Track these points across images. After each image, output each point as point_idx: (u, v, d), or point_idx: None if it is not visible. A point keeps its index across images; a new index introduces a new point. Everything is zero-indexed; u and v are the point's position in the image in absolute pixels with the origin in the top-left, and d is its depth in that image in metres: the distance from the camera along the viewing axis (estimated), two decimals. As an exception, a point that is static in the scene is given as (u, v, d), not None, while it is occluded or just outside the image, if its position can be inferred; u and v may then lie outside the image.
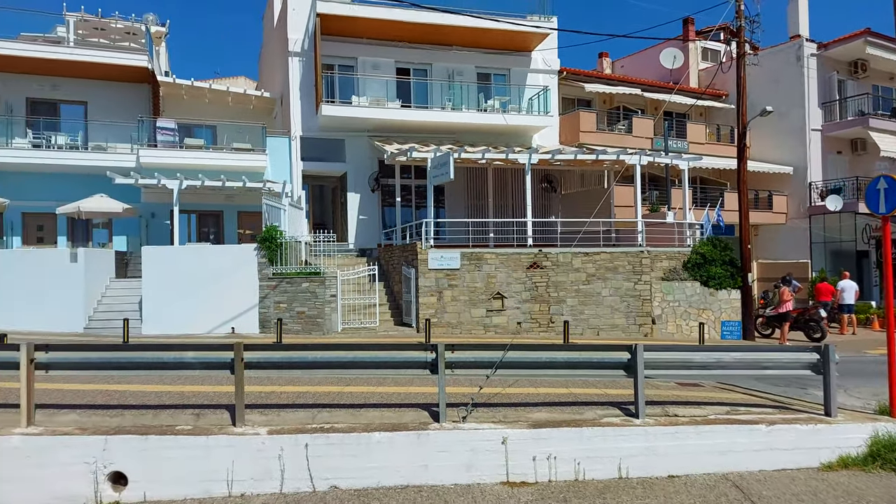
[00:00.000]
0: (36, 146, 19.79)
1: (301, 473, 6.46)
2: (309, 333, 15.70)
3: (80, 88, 21.22)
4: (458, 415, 7.09)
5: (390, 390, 8.38)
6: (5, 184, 19.05)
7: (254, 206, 19.88)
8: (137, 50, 21.08)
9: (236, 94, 22.47)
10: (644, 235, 17.79)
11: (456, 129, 21.58)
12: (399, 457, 6.58)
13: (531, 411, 7.46)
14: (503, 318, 16.22)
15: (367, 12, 19.81)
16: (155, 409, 7.26)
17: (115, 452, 6.42)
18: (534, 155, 18.00)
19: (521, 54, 22.78)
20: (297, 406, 7.51)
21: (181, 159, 19.37)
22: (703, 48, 30.23)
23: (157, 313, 15.22)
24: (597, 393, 8.37)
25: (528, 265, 16.40)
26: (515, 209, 21.33)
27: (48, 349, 6.96)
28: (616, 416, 7.29)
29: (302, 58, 20.77)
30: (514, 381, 8.48)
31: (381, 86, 21.20)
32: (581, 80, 24.79)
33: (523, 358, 7.25)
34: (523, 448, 6.63)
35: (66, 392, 7.98)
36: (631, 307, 16.88)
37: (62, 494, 6.38)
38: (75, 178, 19.62)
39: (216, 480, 6.42)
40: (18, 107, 20.76)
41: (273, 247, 15.94)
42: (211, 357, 7.07)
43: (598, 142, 23.16)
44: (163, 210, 20.36)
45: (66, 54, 19.77)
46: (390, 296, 18.06)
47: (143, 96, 21.80)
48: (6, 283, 15.23)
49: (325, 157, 21.21)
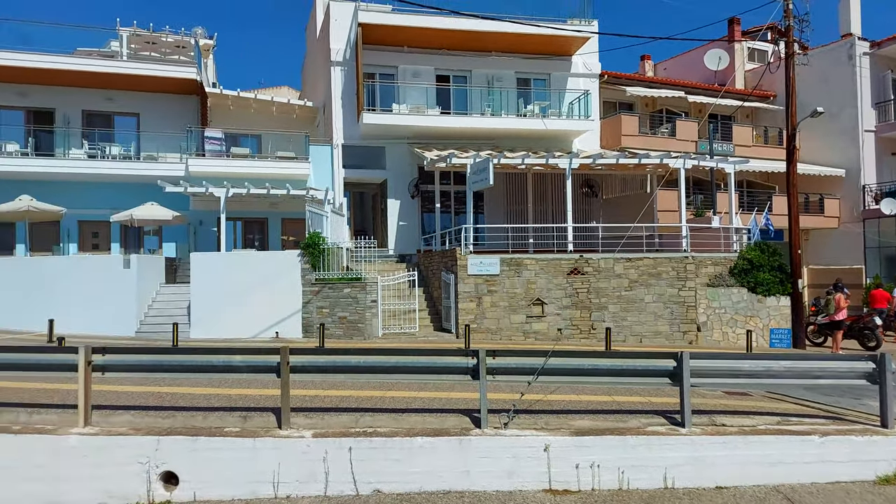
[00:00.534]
0: (91, 157, 20.65)
1: (345, 477, 6.55)
2: (350, 338, 15.90)
3: (133, 100, 22.06)
4: (500, 421, 7.07)
5: (431, 395, 8.42)
6: (63, 193, 19.90)
7: (297, 213, 20.29)
8: (187, 62, 21.83)
9: (280, 104, 23.00)
10: (688, 240, 17.42)
11: (495, 134, 21.60)
12: (441, 462, 6.60)
13: (573, 419, 7.39)
14: (543, 325, 16.11)
15: (408, 21, 20.05)
16: (204, 411, 7.47)
17: (167, 453, 6.63)
18: (574, 159, 17.86)
19: (562, 59, 22.66)
20: (340, 410, 7.62)
21: (228, 168, 19.96)
22: (749, 48, 29.50)
23: (205, 318, 15.65)
24: (641, 401, 8.23)
25: (569, 271, 16.25)
26: (555, 214, 21.19)
27: (105, 352, 7.25)
28: (661, 425, 7.16)
29: (344, 67, 21.14)
30: (556, 387, 8.41)
31: (421, 93, 21.40)
32: (622, 83, 24.48)
33: (565, 365, 7.20)
34: (566, 455, 6.58)
35: (119, 393, 8.28)
36: (675, 314, 16.54)
37: (117, 493, 6.62)
38: (128, 186, 20.39)
39: (263, 482, 6.57)
40: (75, 119, 21.71)
41: (316, 253, 16.22)
42: (258, 361, 7.24)
43: (640, 146, 22.84)
44: (210, 217, 20.97)
45: (120, 68, 20.62)
46: (430, 301, 18.15)
47: (192, 107, 22.52)
48: (64, 288, 15.91)
49: (366, 164, 21.50)
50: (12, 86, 20.93)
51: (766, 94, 27.12)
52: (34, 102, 21.41)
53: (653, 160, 18.44)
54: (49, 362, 7.34)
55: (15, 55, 19.53)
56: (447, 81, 22.12)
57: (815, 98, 23.80)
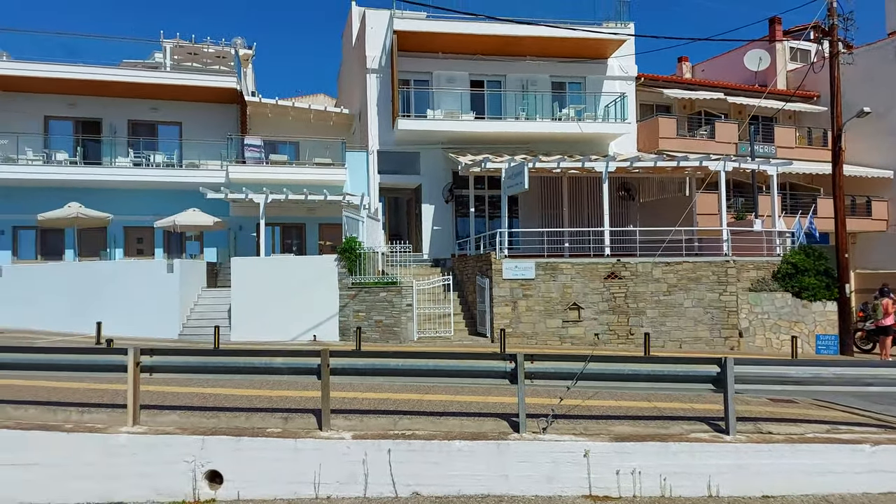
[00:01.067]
0: (136, 165, 21.32)
1: (384, 479, 6.60)
2: (386, 342, 16.02)
3: (176, 110, 22.70)
4: (538, 426, 7.04)
5: (468, 399, 8.43)
6: (109, 200, 20.57)
7: (334, 219, 20.57)
8: (227, 72, 22.38)
9: (318, 112, 23.37)
10: (730, 244, 17.05)
11: (530, 138, 21.53)
12: (479, 466, 6.60)
13: (613, 424, 7.31)
14: (580, 329, 15.95)
15: (442, 27, 20.17)
16: (247, 412, 7.62)
17: (212, 452, 6.79)
18: (611, 163, 17.67)
19: (597, 62, 22.48)
20: (379, 412, 7.69)
21: (266, 174, 20.37)
22: (790, 48, 28.76)
23: (245, 321, 15.98)
24: (682, 407, 8.09)
25: (606, 275, 16.07)
26: (591, 218, 20.99)
27: (152, 353, 7.47)
28: (704, 432, 7.02)
29: (379, 74, 21.37)
30: (594, 393, 8.32)
31: (455, 99, 21.49)
32: (660, 85, 24.16)
33: (605, 370, 7.13)
34: (606, 461, 6.51)
35: (165, 394, 8.51)
36: (716, 319, 16.19)
37: (164, 490, 6.80)
38: (170, 193, 20.96)
39: (304, 482, 6.67)
40: (121, 128, 22.43)
41: (352, 257, 16.41)
42: (299, 363, 7.37)
43: (678, 148, 22.48)
44: (249, 223, 21.41)
45: (164, 78, 21.26)
46: (464, 305, 18.15)
47: (232, 115, 23.06)
48: (110, 292, 16.44)
49: (401, 169, 21.68)
50: (63, 97, 21.77)
51: (810, 94, 26.40)
52: (82, 113, 22.21)
53: (692, 163, 18.12)
54: (100, 363, 7.59)
55: (65, 68, 20.32)
56: (481, 86, 22.17)
57: (861, 98, 23.03)
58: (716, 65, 30.56)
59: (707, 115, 25.55)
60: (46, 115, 21.95)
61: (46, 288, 17.22)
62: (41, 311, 17.00)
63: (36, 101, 21.65)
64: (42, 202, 19.48)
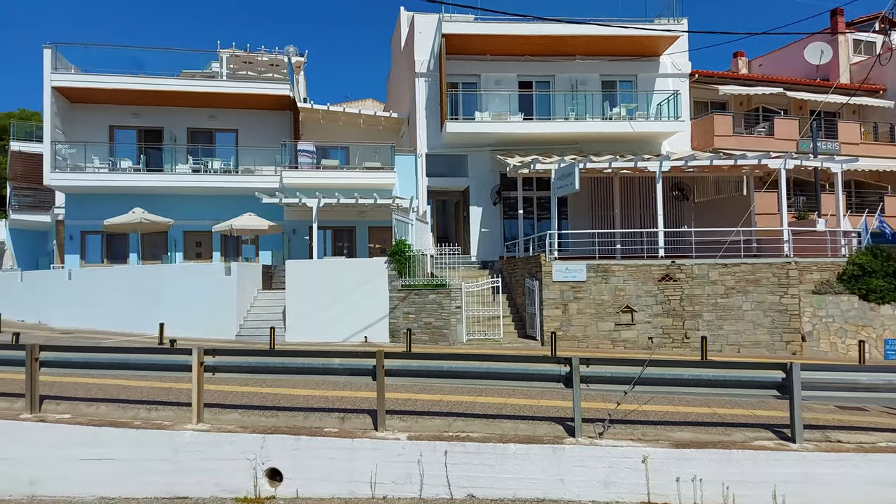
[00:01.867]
0: (195, 171, 22.12)
1: (439, 480, 6.64)
2: (435, 343, 16.09)
3: (232, 117, 23.45)
4: (594, 430, 6.94)
5: (521, 402, 8.39)
6: (170, 205, 21.43)
7: (383, 222, 20.84)
8: (280, 80, 22.98)
9: (367, 116, 23.72)
10: (791, 245, 16.42)
11: (579, 138, 21.28)
12: (534, 469, 6.56)
13: (672, 430, 7.14)
14: (633, 333, 15.65)
15: (490, 29, 20.17)
16: (304, 412, 7.79)
17: (272, 450, 6.97)
18: (665, 162, 17.28)
19: (649, 59, 22.04)
20: (433, 414, 7.73)
21: (318, 179, 20.81)
22: (854, 40, 27.48)
23: (299, 322, 16.33)
24: (744, 414, 7.83)
25: (660, 277, 15.71)
26: (644, 219, 20.58)
27: (215, 353, 7.73)
28: (769, 440, 6.78)
29: (428, 78, 21.54)
30: (650, 398, 8.14)
31: (504, 100, 21.45)
32: (715, 81, 23.49)
33: (663, 374, 6.98)
34: (665, 468, 6.37)
35: (226, 393, 8.79)
36: (776, 323, 15.60)
37: (227, 486, 7.02)
38: (227, 198, 21.67)
39: (360, 482, 6.77)
40: (181, 136, 23.32)
41: (402, 260, 16.57)
42: (355, 364, 7.49)
43: (734, 146, 21.78)
44: (302, 226, 21.91)
45: (221, 87, 22.02)
46: (513, 308, 18.06)
47: (286, 122, 23.65)
48: (171, 294, 17.09)
49: (449, 172, 21.77)
50: (127, 107, 22.81)
51: (875, 87, 25.17)
52: (145, 122, 23.20)
53: (750, 161, 17.53)
54: (166, 363, 7.90)
55: (130, 79, 21.29)
56: (530, 87, 22.06)
57: (934, 89, 21.83)
58: (774, 59, 29.51)
59: (765, 111, 24.69)
60: (112, 125, 23.03)
61: (112, 290, 18.06)
62: (107, 312, 17.83)
63: (102, 111, 22.75)
64: (108, 208, 20.45)
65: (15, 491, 7.37)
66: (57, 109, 21.50)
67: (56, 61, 21.11)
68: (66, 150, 21.45)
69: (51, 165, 20.73)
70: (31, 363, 7.99)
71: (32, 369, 8.00)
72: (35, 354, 8.05)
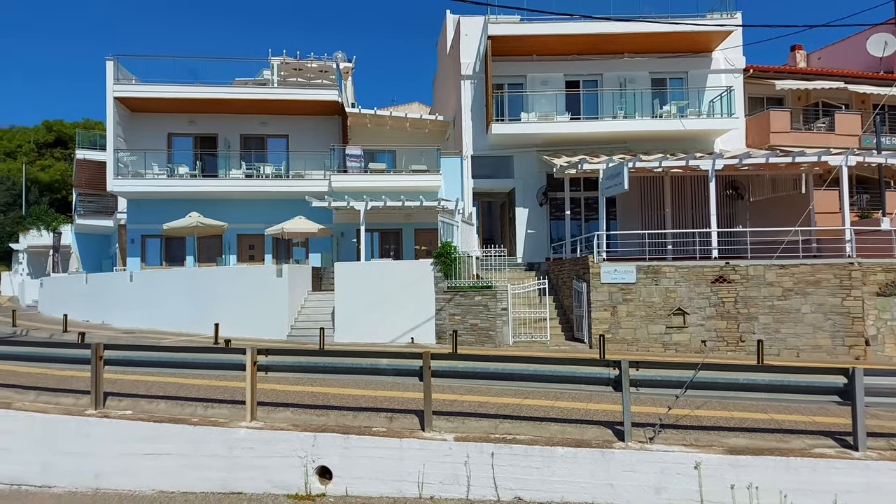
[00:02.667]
0: (248, 176, 22.78)
1: (486, 482, 6.64)
2: (481, 345, 16.07)
3: (283, 123, 24.04)
4: (644, 435, 6.82)
5: (569, 405, 8.30)
6: (224, 209, 22.13)
7: (429, 224, 20.97)
8: (329, 86, 23.44)
9: (413, 120, 23.92)
10: (853, 245, 15.69)
11: (628, 137, 20.91)
12: (583, 473, 6.49)
13: (726, 436, 6.93)
14: (685, 336, 15.26)
15: (536, 30, 20.05)
16: (353, 411, 7.92)
17: (322, 448, 7.12)
18: (718, 160, 16.79)
19: (701, 55, 21.47)
20: (479, 415, 7.74)
21: (366, 182, 21.14)
22: (922, 28, 26.04)
23: (347, 323, 16.59)
24: (803, 420, 7.54)
25: (713, 279, 15.27)
26: (696, 219, 20.05)
27: (268, 353, 7.94)
28: (829, 447, 6.51)
29: (473, 80, 21.57)
30: (703, 403, 7.94)
31: (550, 100, 21.28)
32: (770, 76, 22.66)
33: (716, 379, 6.80)
34: (719, 474, 6.20)
35: (278, 392, 9.01)
36: (838, 326, 14.93)
37: (279, 483, 7.21)
38: (278, 202, 22.23)
39: (407, 481, 6.84)
40: (234, 142, 24.06)
41: (448, 262, 16.62)
42: (401, 364, 7.57)
43: (792, 143, 20.98)
44: (350, 229, 22.28)
45: (272, 94, 22.60)
46: (560, 310, 17.88)
47: (334, 126, 24.09)
48: (225, 296, 17.64)
49: (494, 173, 21.73)
50: (184, 115, 23.67)
51: (946, 78, 23.77)
52: (201, 129, 24.02)
53: (809, 158, 16.86)
54: (222, 362, 8.16)
55: (186, 88, 22.08)
56: (577, 87, 21.81)
57: None
58: (834, 52, 28.25)
59: (825, 106, 23.68)
60: (170, 133, 23.94)
61: (170, 291, 18.77)
62: (166, 313, 18.55)
63: (160, 119, 23.68)
64: (166, 212, 21.28)
65: (81, 484, 7.75)
66: (119, 118, 22.49)
67: (118, 72, 22.09)
68: (128, 158, 22.42)
69: (113, 172, 21.69)
70: (95, 361, 8.40)
71: (97, 367, 8.40)
72: (99, 353, 8.46)
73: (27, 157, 45.46)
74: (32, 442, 8.01)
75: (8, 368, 10.39)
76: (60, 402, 8.77)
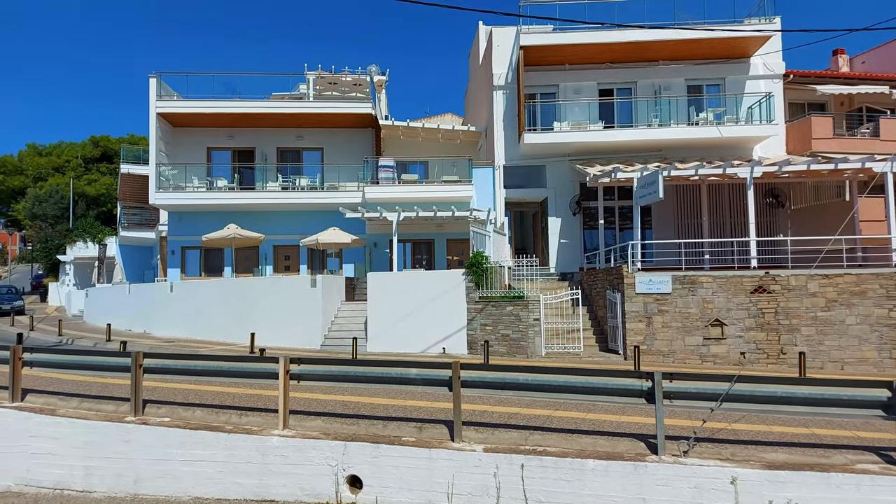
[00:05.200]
0: (284, 188, 23.23)
1: (516, 493, 6.58)
2: (513, 356, 15.97)
3: (318, 136, 24.48)
4: (678, 448, 6.67)
5: (601, 417, 8.18)
6: (261, 221, 22.60)
7: (461, 234, 21.01)
8: (363, 99, 23.78)
9: (446, 131, 24.07)
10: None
11: (663, 145, 20.61)
12: (614, 486, 6.38)
13: (764, 451, 6.73)
14: (723, 348, 14.89)
15: (569, 39, 19.98)
16: (383, 420, 7.96)
17: (353, 457, 7.16)
18: (757, 168, 16.41)
19: (738, 61, 21.07)
20: (509, 426, 7.68)
21: (398, 193, 21.32)
22: (974, 28, 25.02)
23: (380, 333, 16.71)
24: (846, 435, 7.27)
25: (753, 289, 14.88)
26: (734, 228, 19.61)
27: (300, 362, 8.05)
28: (873, 463, 6.26)
29: (505, 90, 21.61)
30: (741, 416, 7.73)
31: (583, 109, 21.16)
32: (811, 81, 22.07)
33: (754, 391, 6.61)
34: (757, 490, 6.01)
35: (310, 400, 9.12)
36: (885, 338, 14.37)
37: (310, 491, 7.28)
38: (313, 214, 22.60)
39: (437, 492, 6.82)
40: (271, 156, 24.58)
41: (479, 272, 16.60)
42: (431, 374, 7.58)
43: (835, 149, 20.37)
44: (383, 240, 22.49)
45: (308, 108, 23.03)
46: (594, 321, 17.65)
47: (368, 139, 24.41)
48: (262, 305, 17.97)
49: (527, 183, 21.66)
50: (223, 129, 24.32)
51: None
52: (239, 143, 24.63)
53: (853, 164, 16.34)
54: (255, 370, 8.31)
55: (225, 103, 22.69)
56: (610, 95, 21.63)
57: None
58: (878, 55, 27.37)
59: (869, 111, 22.94)
60: (209, 147, 24.60)
61: (208, 301, 19.22)
62: (204, 322, 18.99)
63: (200, 134, 24.37)
64: (205, 224, 21.85)
65: (120, 489, 7.96)
66: (161, 133, 23.23)
67: (160, 89, 22.85)
68: (169, 171, 23.11)
69: (156, 186, 22.39)
70: (135, 370, 8.64)
71: (137, 375, 8.65)
72: (139, 361, 8.71)
73: (75, 172, 47.30)
74: (75, 447, 8.27)
75: (54, 376, 10.79)
76: (101, 409, 9.05)
